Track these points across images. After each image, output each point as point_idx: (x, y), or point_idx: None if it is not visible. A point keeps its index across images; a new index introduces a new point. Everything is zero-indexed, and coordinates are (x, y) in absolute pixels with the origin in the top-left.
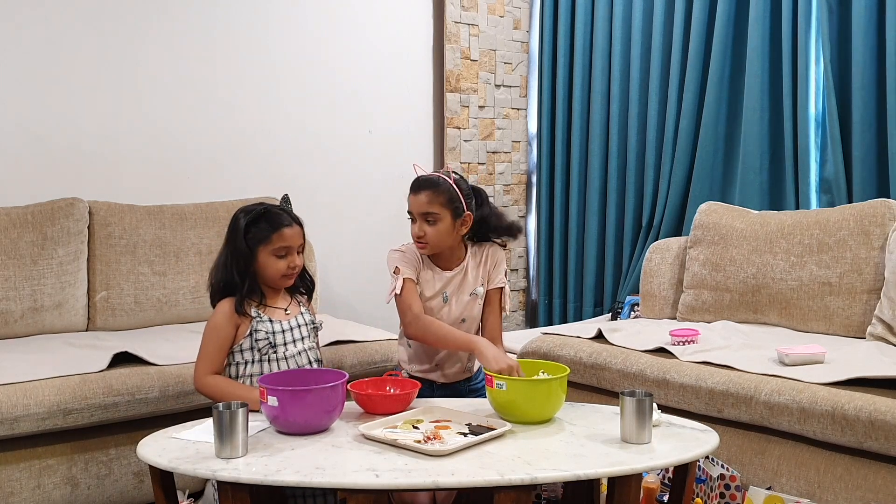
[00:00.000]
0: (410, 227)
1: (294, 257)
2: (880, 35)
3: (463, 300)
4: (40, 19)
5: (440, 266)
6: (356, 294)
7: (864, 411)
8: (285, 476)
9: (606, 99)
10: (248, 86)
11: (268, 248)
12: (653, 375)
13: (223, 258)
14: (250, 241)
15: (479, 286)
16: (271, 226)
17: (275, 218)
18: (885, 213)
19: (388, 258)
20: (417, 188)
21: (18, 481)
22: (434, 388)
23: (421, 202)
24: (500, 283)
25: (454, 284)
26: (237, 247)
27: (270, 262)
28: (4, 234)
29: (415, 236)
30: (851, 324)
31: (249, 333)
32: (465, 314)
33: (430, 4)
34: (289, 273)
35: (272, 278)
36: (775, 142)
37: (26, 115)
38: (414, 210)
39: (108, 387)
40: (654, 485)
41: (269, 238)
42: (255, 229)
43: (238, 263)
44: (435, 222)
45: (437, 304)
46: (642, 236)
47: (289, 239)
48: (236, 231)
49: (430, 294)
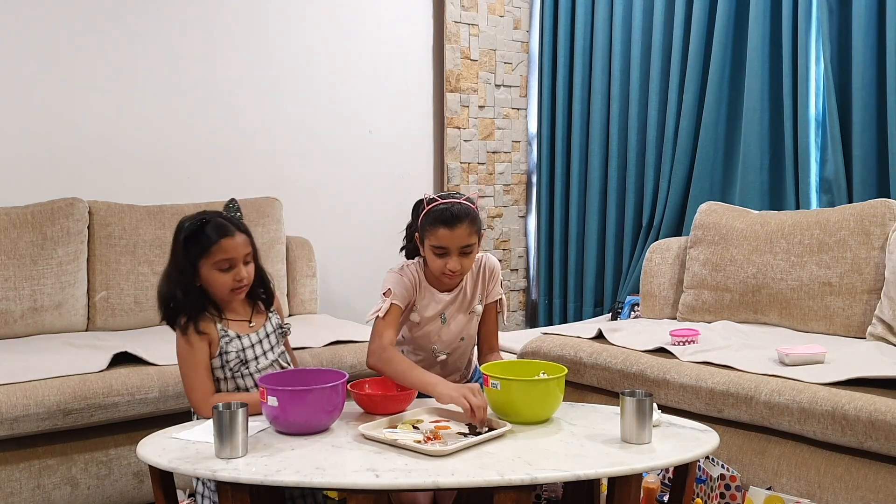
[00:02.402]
0: (434, 263)
1: (240, 269)
2: (880, 35)
3: (461, 320)
4: (40, 19)
5: (438, 288)
6: (356, 294)
7: (864, 411)
8: (285, 476)
9: (606, 99)
10: (247, 86)
11: (209, 262)
12: (653, 375)
13: (166, 271)
14: (191, 255)
15: (477, 304)
16: (210, 237)
17: (215, 229)
18: (885, 213)
19: (385, 279)
20: (454, 221)
21: (18, 481)
22: None
23: (461, 236)
24: (497, 296)
25: (454, 305)
26: (178, 262)
27: (215, 277)
28: (4, 234)
29: (450, 271)
30: (852, 324)
31: (219, 354)
32: (464, 333)
33: (430, 4)
34: (236, 286)
35: (221, 293)
36: (775, 142)
37: (26, 115)
38: (452, 245)
39: (108, 387)
40: (654, 485)
41: (209, 251)
42: (194, 242)
43: (181, 279)
44: (470, 252)
45: (436, 326)
46: (642, 236)
47: (230, 250)
48: (175, 245)
49: (430, 316)
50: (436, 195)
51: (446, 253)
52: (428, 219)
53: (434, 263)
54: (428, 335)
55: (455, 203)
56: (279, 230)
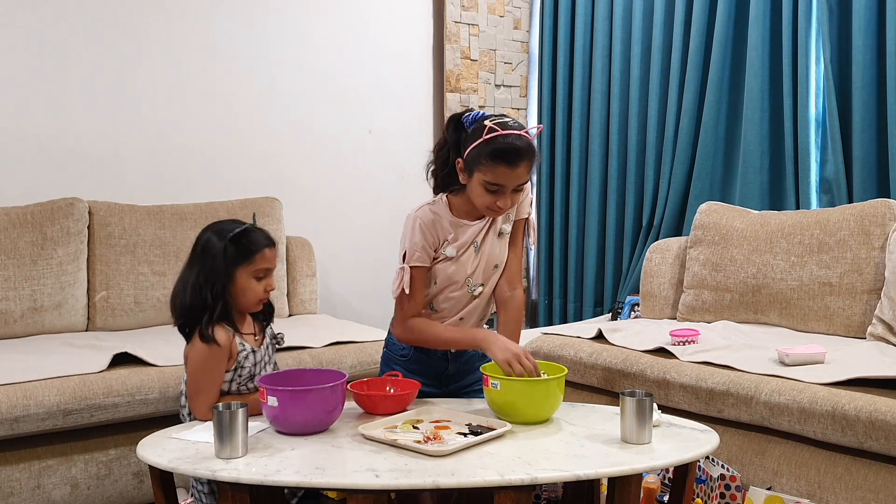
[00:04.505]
0: (482, 198)
1: (272, 279)
2: (880, 35)
3: (493, 243)
4: (40, 20)
5: (468, 219)
6: (356, 294)
7: (864, 411)
8: (285, 476)
9: (606, 99)
10: (247, 86)
11: (248, 269)
12: (653, 375)
13: (192, 279)
14: (229, 262)
15: (507, 223)
16: (257, 243)
17: (256, 237)
18: (885, 213)
19: (404, 232)
20: (517, 159)
21: (18, 481)
22: (449, 358)
23: (521, 175)
24: (525, 214)
25: (485, 230)
26: (214, 267)
27: (250, 285)
28: (4, 234)
29: (499, 208)
30: (852, 324)
31: (234, 368)
32: (498, 259)
33: (430, 4)
34: (265, 297)
35: (249, 302)
36: (775, 142)
37: (26, 115)
38: (510, 184)
39: (108, 387)
40: (654, 485)
41: (252, 258)
42: (234, 249)
43: (214, 285)
44: (523, 189)
45: (469, 255)
46: (642, 236)
47: (271, 260)
48: (210, 250)
49: (463, 245)
50: (493, 119)
51: (500, 191)
52: (485, 150)
53: (482, 199)
54: (464, 266)
55: (519, 135)
56: (279, 230)
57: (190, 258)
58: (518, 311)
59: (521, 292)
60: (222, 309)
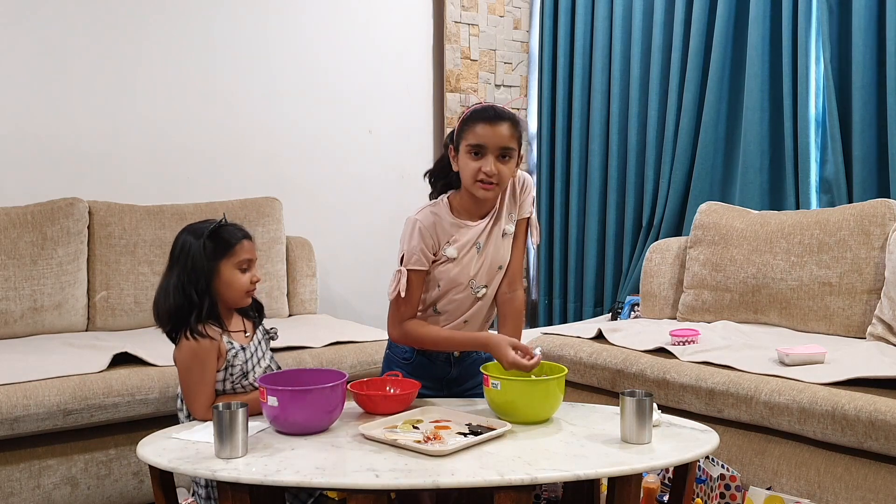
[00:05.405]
0: (468, 167)
1: (256, 271)
2: (880, 35)
3: (496, 244)
4: (40, 20)
5: (469, 219)
6: (356, 294)
7: (864, 411)
8: (285, 476)
9: (606, 99)
10: (247, 86)
11: (231, 261)
12: (653, 375)
13: (173, 281)
14: (210, 257)
15: (510, 223)
16: (235, 235)
17: (232, 230)
18: (885, 213)
19: (403, 234)
20: (496, 118)
21: (18, 481)
22: (452, 361)
23: (502, 135)
24: (527, 213)
25: (487, 231)
26: (196, 265)
27: (235, 277)
28: (4, 234)
29: (486, 174)
30: (852, 324)
31: (225, 367)
32: (502, 260)
33: (430, 4)
34: (251, 289)
35: (236, 295)
36: (775, 142)
37: (26, 115)
38: (490, 143)
39: (108, 387)
40: (654, 485)
41: (232, 250)
42: (213, 244)
43: (198, 283)
44: (509, 160)
45: (471, 256)
46: (642, 236)
47: (250, 251)
48: (189, 250)
49: (465, 246)
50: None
51: (483, 152)
52: (467, 119)
53: (468, 168)
54: (467, 268)
55: (501, 106)
56: (279, 230)
57: (169, 264)
58: (518, 312)
59: (522, 293)
60: (209, 306)
